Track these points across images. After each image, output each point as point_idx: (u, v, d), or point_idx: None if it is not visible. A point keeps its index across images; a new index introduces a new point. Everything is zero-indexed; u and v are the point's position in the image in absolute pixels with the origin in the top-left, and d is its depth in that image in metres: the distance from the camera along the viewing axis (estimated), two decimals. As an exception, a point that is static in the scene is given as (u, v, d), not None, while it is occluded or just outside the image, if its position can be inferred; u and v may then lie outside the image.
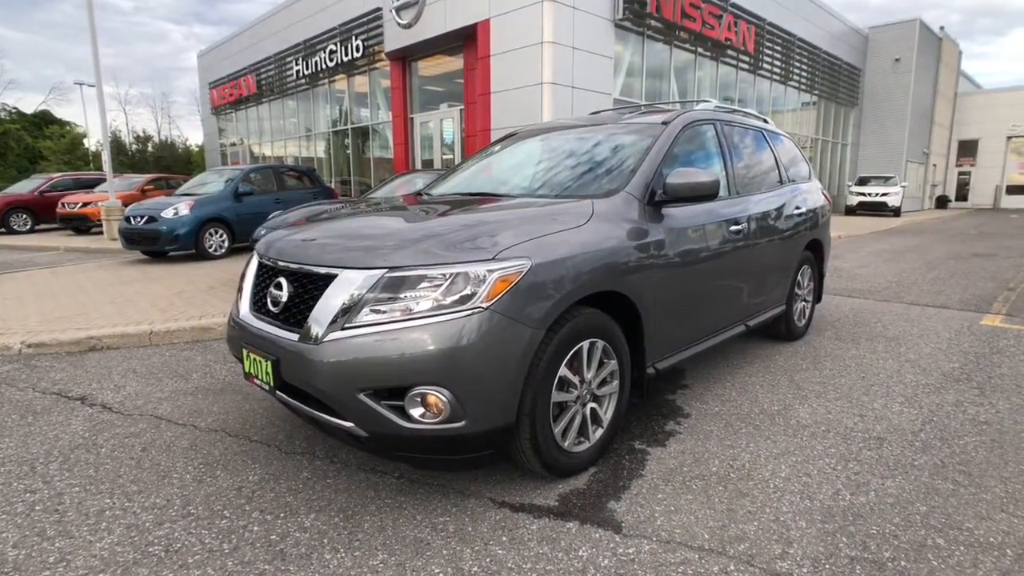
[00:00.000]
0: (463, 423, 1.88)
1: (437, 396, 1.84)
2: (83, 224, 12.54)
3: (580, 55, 10.54)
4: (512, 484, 2.23)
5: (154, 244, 7.80)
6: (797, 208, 3.98)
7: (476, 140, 11.60)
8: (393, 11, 12.42)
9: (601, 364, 2.34)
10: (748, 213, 3.34)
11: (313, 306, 2.00)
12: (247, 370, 2.24)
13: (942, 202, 27.27)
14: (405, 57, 13.38)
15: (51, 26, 73.31)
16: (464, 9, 11.04)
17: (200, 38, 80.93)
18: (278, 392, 2.10)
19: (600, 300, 2.29)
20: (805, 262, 4.22)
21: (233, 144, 22.43)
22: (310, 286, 2.07)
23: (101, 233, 11.65)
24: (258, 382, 2.19)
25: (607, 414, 2.41)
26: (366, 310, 1.89)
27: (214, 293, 5.66)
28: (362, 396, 1.87)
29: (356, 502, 2.11)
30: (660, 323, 2.61)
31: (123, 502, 2.12)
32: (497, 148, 3.62)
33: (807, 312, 4.43)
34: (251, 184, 8.58)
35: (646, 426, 2.78)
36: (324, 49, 15.58)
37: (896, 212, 18.95)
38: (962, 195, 30.10)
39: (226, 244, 8.23)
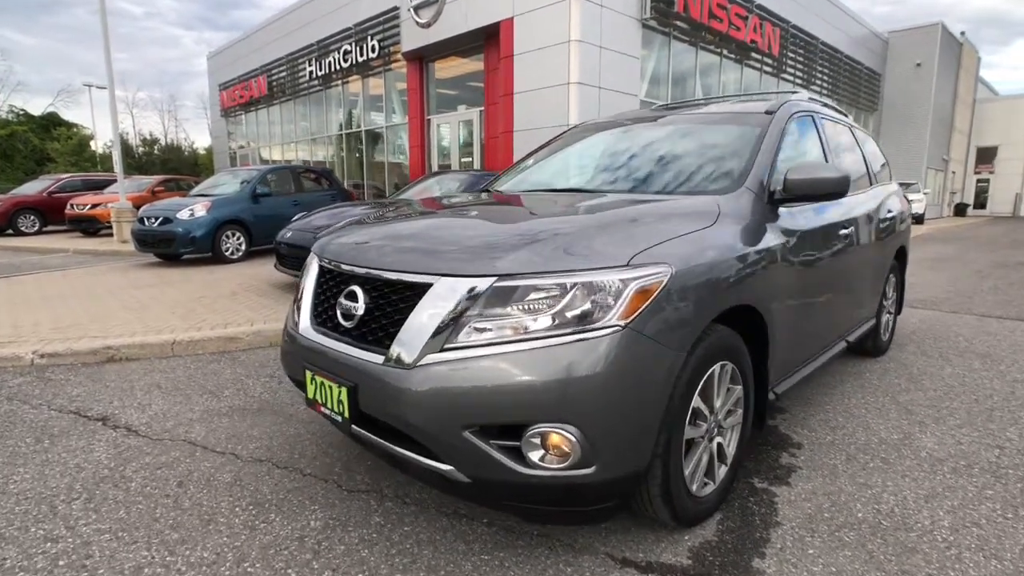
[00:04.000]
0: (592, 469, 1.51)
1: (563, 436, 1.48)
2: (92, 226, 12.23)
3: (607, 54, 10.22)
4: (628, 536, 1.86)
5: (169, 247, 7.47)
6: (889, 211, 3.62)
7: (498, 142, 11.28)
8: (411, 10, 12.14)
9: (727, 391, 1.97)
10: (852, 215, 2.98)
11: (400, 321, 1.65)
12: (311, 396, 1.88)
13: (960, 209, 26.85)
14: (422, 57, 13.08)
15: (61, 30, 73.69)
16: (486, 7, 10.74)
17: (209, 43, 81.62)
18: (354, 427, 1.73)
19: (729, 315, 1.93)
20: (892, 270, 3.85)
21: (242, 146, 22.18)
22: (394, 297, 1.71)
23: (111, 235, 11.33)
24: (326, 411, 1.82)
25: (731, 449, 2.04)
26: (470, 328, 1.54)
27: (237, 299, 5.31)
28: (468, 434, 1.51)
29: (446, 558, 1.74)
30: (781, 340, 2.24)
31: (163, 555, 1.75)
32: (563, 143, 3.26)
33: (890, 325, 4.06)
34: (268, 185, 8.24)
35: (758, 459, 2.41)
36: (338, 50, 15.31)
37: (919, 220, 18.56)
38: (980, 202, 29.68)
39: (243, 247, 7.88)
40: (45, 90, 74.19)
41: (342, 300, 1.83)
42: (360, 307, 1.76)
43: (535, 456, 1.51)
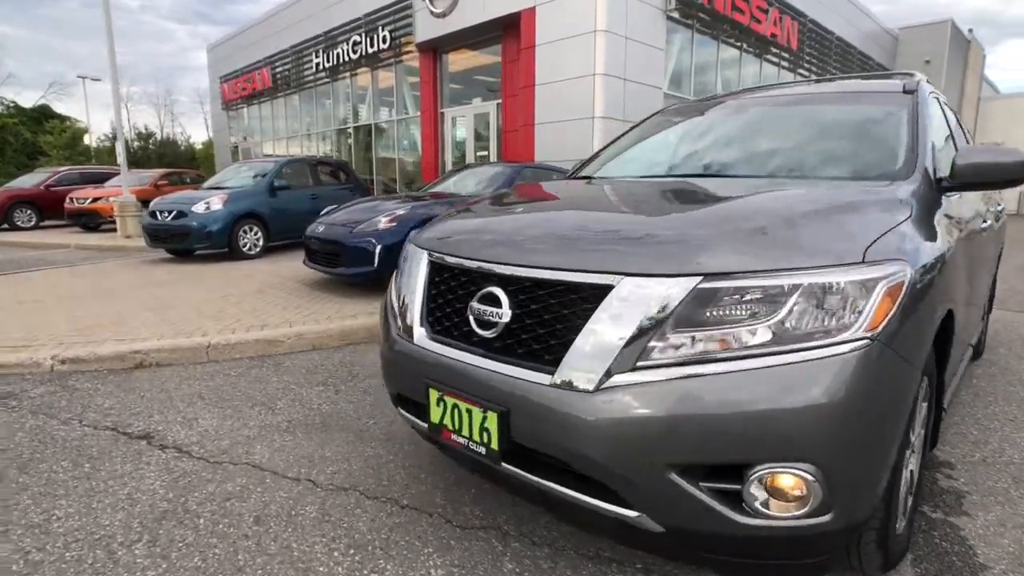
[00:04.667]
0: (830, 516, 1.19)
1: (798, 477, 1.16)
2: (93, 220, 11.74)
3: (633, 46, 9.87)
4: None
5: (183, 241, 7.06)
6: (999, 204, 3.32)
7: (517, 135, 10.91)
8: (425, -1, 11.74)
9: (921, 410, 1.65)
10: (983, 207, 2.67)
11: (565, 332, 1.32)
12: (437, 421, 1.53)
13: (964, 208, 26.69)
14: (436, 49, 12.67)
15: (52, 22, 72.22)
16: (505, -4, 10.37)
17: (205, 37, 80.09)
18: (503, 464, 1.39)
19: None
20: (997, 264, 3.56)
21: (245, 139, 21.67)
22: (553, 301, 1.37)
23: (113, 230, 10.87)
24: (459, 440, 1.48)
25: (916, 476, 1.72)
26: (669, 341, 1.21)
27: (266, 298, 4.93)
28: (674, 476, 1.18)
29: (615, 623, 1.40)
30: (955, 348, 1.93)
31: (263, 620, 1.40)
32: (655, 127, 2.91)
33: (984, 325, 3.76)
34: (285, 178, 7.83)
35: (921, 486, 2.09)
36: (347, 41, 14.85)
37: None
38: (982, 201, 29.56)
39: (261, 242, 7.48)
40: (35, 83, 72.98)
41: (475, 304, 1.49)
42: (504, 313, 1.42)
43: (759, 502, 1.18)
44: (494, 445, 1.39)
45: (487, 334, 1.46)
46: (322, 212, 5.76)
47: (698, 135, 2.60)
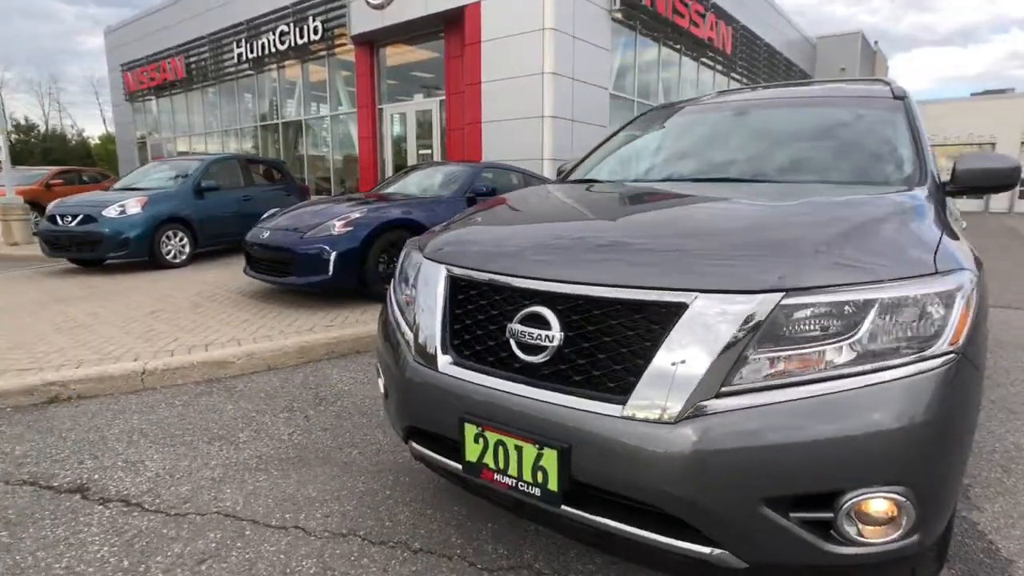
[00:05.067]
0: (917, 537, 1.15)
1: (891, 501, 1.11)
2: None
3: (580, 45, 9.94)
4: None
5: (93, 250, 6.33)
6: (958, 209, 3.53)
7: (462, 134, 10.71)
8: (361, -11, 11.31)
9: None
10: (958, 212, 2.81)
11: (632, 356, 1.20)
12: (475, 460, 1.35)
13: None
14: (373, 42, 12.23)
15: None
16: (448, -10, 10.16)
17: (97, 20, 72.98)
18: (564, 506, 1.24)
19: None
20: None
21: (152, 134, 20.07)
22: (613, 323, 1.24)
23: (-5, 237, 9.65)
24: (505, 481, 1.31)
25: None
26: (752, 364, 1.13)
27: (204, 312, 4.48)
28: (766, 510, 1.09)
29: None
30: None
31: None
32: (648, 126, 2.83)
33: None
34: (214, 178, 7.22)
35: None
36: (273, 31, 14.04)
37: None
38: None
39: (187, 249, 6.84)
40: None
41: (516, 326, 1.33)
42: (555, 335, 1.27)
43: (852, 529, 1.11)
44: (552, 486, 1.23)
45: (533, 359, 1.31)
46: (264, 216, 5.33)
47: (705, 137, 2.53)
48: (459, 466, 1.40)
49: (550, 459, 1.22)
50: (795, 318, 1.14)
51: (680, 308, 1.17)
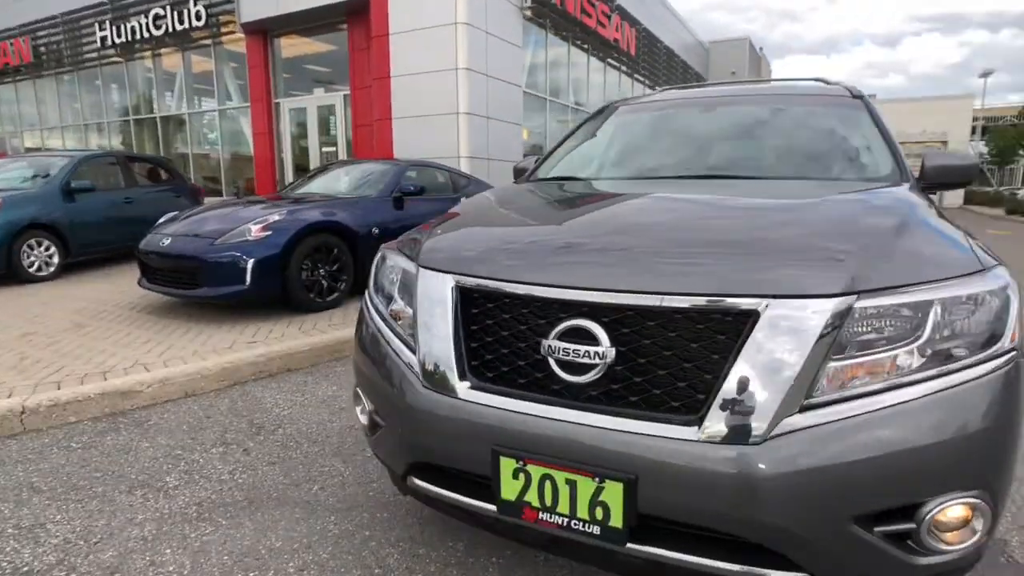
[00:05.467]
0: (989, 536, 1.16)
1: (969, 506, 1.10)
2: None
3: (493, 41, 9.89)
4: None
5: (-71, 264, 5.30)
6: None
7: (371, 130, 10.28)
8: (251, -28, 10.51)
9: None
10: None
11: (703, 368, 1.12)
12: (515, 498, 1.21)
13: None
14: (267, 31, 11.42)
15: None
16: (351, -22, 9.72)
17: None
18: (629, 544, 1.14)
19: None
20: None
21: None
22: (673, 334, 1.15)
23: None
24: (553, 521, 1.18)
25: None
26: (832, 372, 1.08)
27: (91, 333, 3.87)
28: (855, 527, 1.06)
29: None
30: None
31: None
32: (613, 126, 2.75)
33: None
34: (86, 177, 6.31)
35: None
36: (145, 13, 12.64)
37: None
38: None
39: (56, 260, 5.91)
40: None
41: (554, 343, 1.20)
42: (605, 352, 1.16)
43: (932, 539, 1.10)
44: (615, 523, 1.12)
45: (579, 379, 1.19)
46: (160, 221, 4.72)
47: (685, 135, 2.50)
48: (490, 507, 1.25)
49: (613, 493, 1.11)
50: (868, 322, 1.10)
51: (750, 316, 1.10)
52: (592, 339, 1.17)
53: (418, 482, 1.41)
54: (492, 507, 1.26)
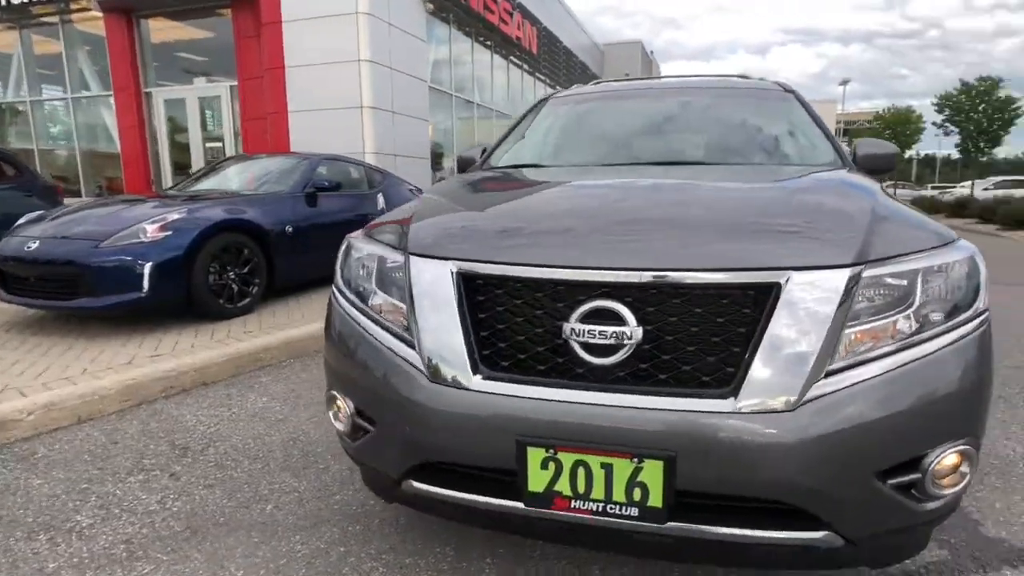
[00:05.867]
0: (971, 478, 1.29)
1: (960, 454, 1.22)
2: None
3: (396, 33, 9.66)
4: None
5: None
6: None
7: (264, 124, 9.64)
8: (111, -58, 9.48)
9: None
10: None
11: (730, 341, 1.16)
12: (543, 490, 1.17)
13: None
14: (131, 11, 10.35)
15: None
16: (234, -44, 9.08)
17: None
18: (669, 523, 1.14)
19: None
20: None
21: None
22: (699, 310, 1.18)
23: None
24: (587, 508, 1.16)
25: None
26: (848, 339, 1.16)
27: (-65, 360, 3.25)
28: (876, 482, 1.14)
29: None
30: None
31: None
32: (557, 117, 2.76)
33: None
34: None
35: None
36: (-30, -19, 11.01)
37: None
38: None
39: None
40: None
41: (576, 325, 1.18)
42: (632, 331, 1.16)
43: (936, 486, 1.21)
44: (654, 502, 1.12)
45: (605, 362, 1.17)
46: (20, 223, 4.09)
47: (643, 122, 2.57)
48: (511, 503, 1.21)
49: (652, 472, 1.11)
50: (872, 291, 1.19)
51: (773, 288, 1.15)
52: (618, 319, 1.16)
53: (418, 485, 1.33)
54: (513, 503, 1.22)
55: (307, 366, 3.42)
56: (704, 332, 1.16)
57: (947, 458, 1.19)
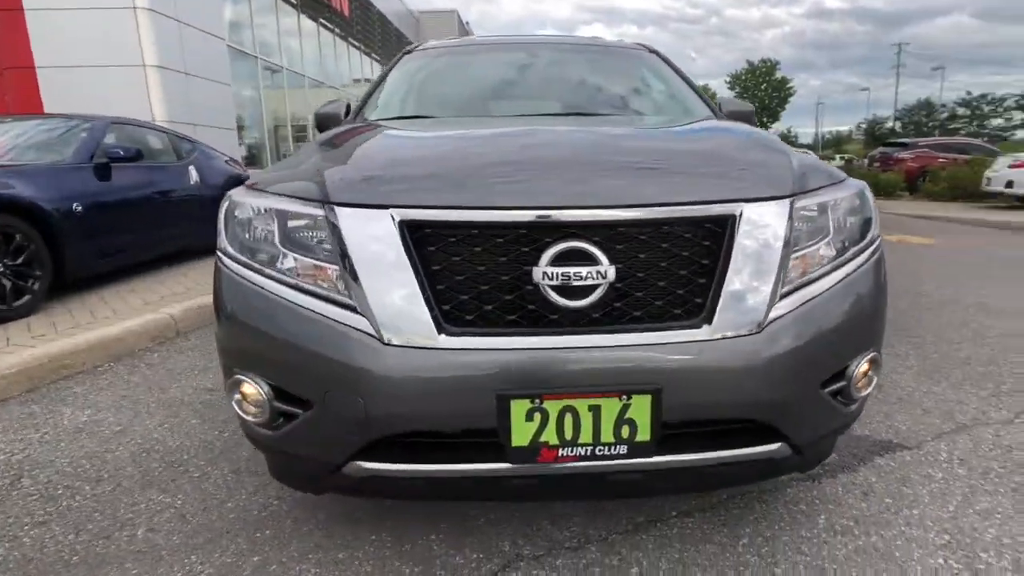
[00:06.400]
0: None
1: (870, 361, 1.43)
2: None
3: (181, -23, 8.44)
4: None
5: None
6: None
7: (3, 82, 7.81)
8: None
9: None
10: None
11: (696, 273, 1.23)
12: (528, 443, 1.14)
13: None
14: None
15: None
16: None
17: None
18: (656, 456, 1.20)
19: None
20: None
21: None
22: (666, 244, 1.22)
23: None
24: (574, 455, 1.16)
25: None
26: (792, 264, 1.30)
27: None
28: (821, 391, 1.31)
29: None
30: None
31: None
32: (430, 66, 2.69)
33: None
34: None
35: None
36: None
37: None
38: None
39: None
40: None
41: (547, 268, 1.15)
42: (605, 270, 1.16)
43: (855, 390, 1.41)
44: (643, 436, 1.15)
45: (580, 304, 1.17)
46: None
47: (505, 77, 2.55)
48: (495, 465, 1.17)
49: (640, 407, 1.13)
50: (803, 221, 1.33)
51: (729, 220, 1.22)
52: (590, 260, 1.16)
53: (368, 465, 1.20)
54: (493, 464, 1.18)
55: (136, 368, 2.89)
56: (672, 266, 1.21)
57: (862, 366, 1.39)
